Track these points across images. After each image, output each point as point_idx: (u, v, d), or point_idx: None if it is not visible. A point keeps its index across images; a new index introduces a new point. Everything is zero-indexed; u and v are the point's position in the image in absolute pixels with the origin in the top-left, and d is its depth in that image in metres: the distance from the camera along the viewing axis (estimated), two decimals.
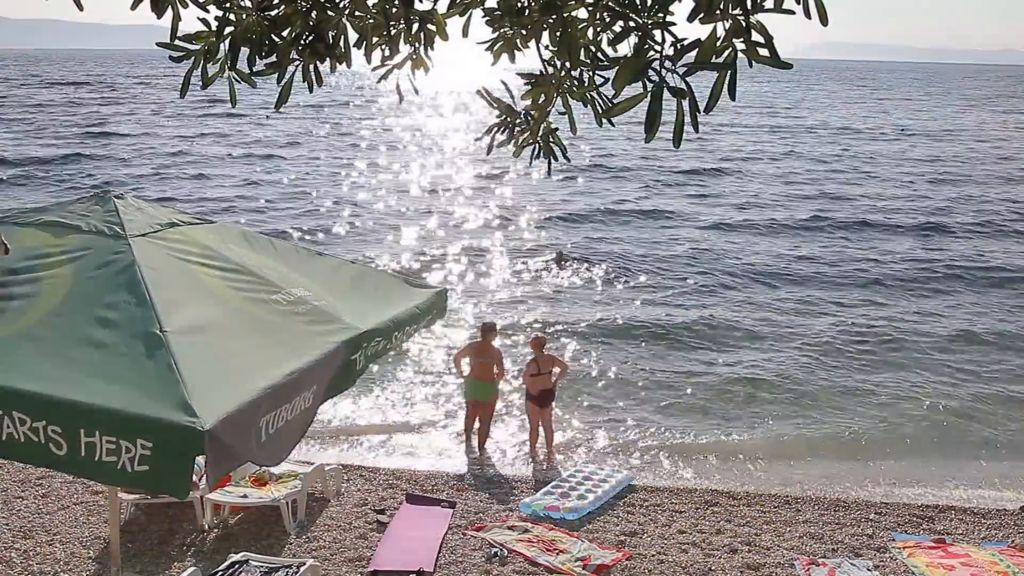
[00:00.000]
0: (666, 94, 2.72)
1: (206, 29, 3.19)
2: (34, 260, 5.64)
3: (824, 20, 2.80)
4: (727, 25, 2.78)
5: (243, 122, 63.10)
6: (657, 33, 2.80)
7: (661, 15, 2.80)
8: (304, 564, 7.70)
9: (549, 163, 3.55)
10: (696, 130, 2.81)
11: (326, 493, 10.10)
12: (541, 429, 12.17)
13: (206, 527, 9.18)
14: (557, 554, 8.88)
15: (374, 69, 3.43)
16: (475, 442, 12.32)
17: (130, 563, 8.28)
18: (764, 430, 13.43)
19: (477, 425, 12.34)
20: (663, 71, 2.72)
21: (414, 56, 3.49)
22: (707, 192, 36.93)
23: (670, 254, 25.39)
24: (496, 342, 12.40)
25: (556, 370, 12.01)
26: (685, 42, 2.72)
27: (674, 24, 2.79)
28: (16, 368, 4.74)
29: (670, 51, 2.72)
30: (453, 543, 9.12)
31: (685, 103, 2.71)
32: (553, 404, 12.20)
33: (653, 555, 8.98)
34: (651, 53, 2.72)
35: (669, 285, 22.03)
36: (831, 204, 33.92)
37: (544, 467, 11.78)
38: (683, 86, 2.72)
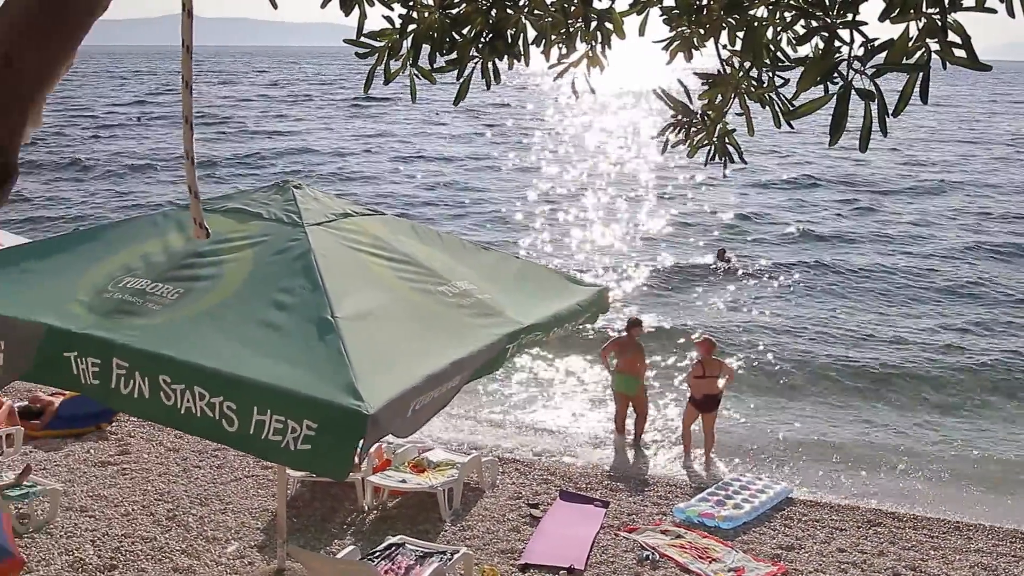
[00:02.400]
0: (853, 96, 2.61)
1: (390, 27, 3.28)
2: (218, 244, 5.95)
3: None
4: (921, 24, 2.64)
5: (416, 119, 64.76)
6: (844, 33, 2.68)
7: (850, 15, 2.69)
8: (458, 552, 7.84)
9: (724, 164, 3.47)
10: (884, 134, 2.69)
11: (481, 484, 10.25)
12: (694, 433, 11.99)
13: (366, 508, 9.47)
14: (710, 562, 8.70)
15: (551, 67, 3.44)
16: (628, 436, 12.30)
17: (294, 536, 8.63)
18: (937, 451, 12.73)
19: (630, 422, 12.32)
20: (850, 72, 2.61)
21: (590, 54, 3.48)
22: (901, 209, 33.12)
23: (847, 268, 23.78)
24: (639, 337, 12.43)
25: (723, 376, 11.79)
26: (876, 42, 2.60)
27: (865, 24, 2.67)
28: (199, 346, 5.02)
29: (859, 51, 2.60)
30: (604, 543, 9.08)
31: (873, 106, 2.59)
32: (717, 410, 11.96)
33: (810, 572, 8.68)
34: (838, 54, 2.62)
35: (843, 295, 21.05)
36: None
37: (700, 473, 11.58)
38: (871, 88, 2.60)
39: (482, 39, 3.23)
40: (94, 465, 10.31)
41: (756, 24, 3.08)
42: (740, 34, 3.21)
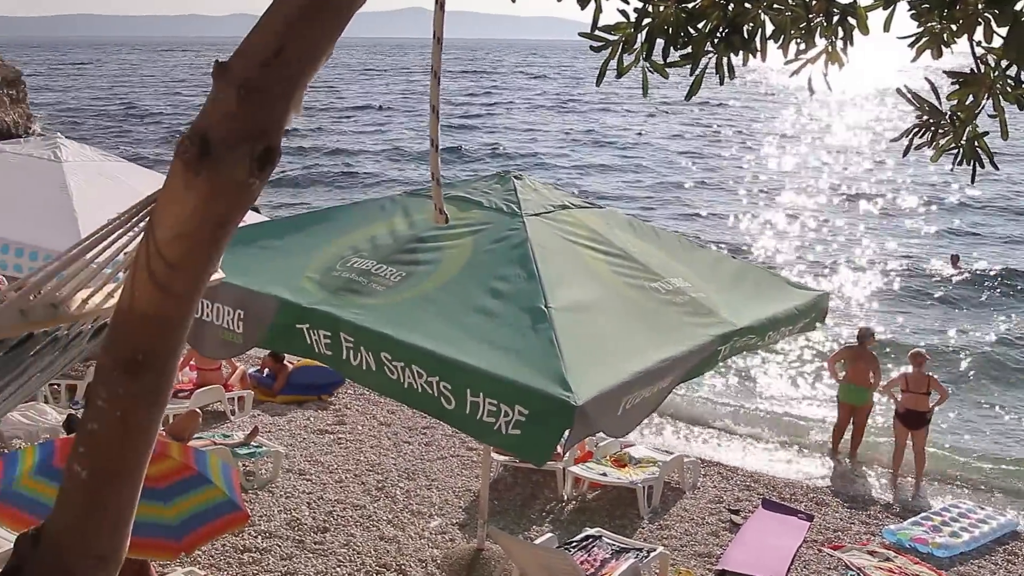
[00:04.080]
0: None
1: (625, 20, 3.27)
2: (440, 231, 6.15)
3: None
4: None
5: (631, 116, 64.41)
6: None
7: None
8: (655, 550, 7.78)
9: (974, 169, 3.24)
10: None
11: (682, 484, 10.11)
12: (908, 451, 11.35)
13: (565, 498, 9.56)
14: None
15: (787, 63, 3.34)
16: (842, 449, 11.82)
17: (494, 518, 8.81)
18: None
19: (847, 435, 11.82)
20: None
21: (830, 50, 3.34)
22: None
23: None
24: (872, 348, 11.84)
25: (935, 394, 11.10)
26: None
27: None
28: (418, 327, 5.23)
29: None
30: (807, 557, 8.75)
31: None
32: (927, 429, 11.24)
33: None
34: None
35: None
36: None
37: (912, 495, 10.94)
38: None
39: (718, 34, 3.17)
40: (313, 432, 10.94)
41: (1022, 19, 2.85)
42: (1001, 30, 2.99)
